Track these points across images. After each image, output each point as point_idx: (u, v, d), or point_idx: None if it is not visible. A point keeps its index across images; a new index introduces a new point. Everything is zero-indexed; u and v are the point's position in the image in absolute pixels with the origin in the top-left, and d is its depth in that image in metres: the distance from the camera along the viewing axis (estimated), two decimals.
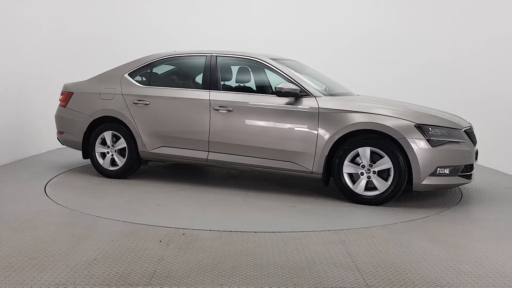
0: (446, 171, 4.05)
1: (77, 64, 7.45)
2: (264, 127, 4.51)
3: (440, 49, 7.32)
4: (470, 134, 4.33)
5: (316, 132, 4.29)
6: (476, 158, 4.39)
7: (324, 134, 4.26)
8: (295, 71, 4.85)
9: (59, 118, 5.50)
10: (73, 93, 5.38)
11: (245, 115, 4.58)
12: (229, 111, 4.61)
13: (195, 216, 3.82)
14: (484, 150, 6.24)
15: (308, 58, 5.95)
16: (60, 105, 5.49)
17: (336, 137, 4.20)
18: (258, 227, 3.51)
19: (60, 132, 5.49)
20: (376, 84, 7.38)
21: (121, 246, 3.07)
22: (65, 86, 5.54)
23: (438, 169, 4.01)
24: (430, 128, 4.05)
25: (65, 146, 6.97)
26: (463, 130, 4.21)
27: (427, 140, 3.99)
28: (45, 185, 4.75)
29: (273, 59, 4.80)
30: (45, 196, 4.36)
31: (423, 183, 4.00)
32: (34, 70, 6.66)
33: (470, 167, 4.22)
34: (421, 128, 4.03)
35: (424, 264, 2.85)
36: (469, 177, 4.22)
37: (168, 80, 5.26)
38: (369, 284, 2.56)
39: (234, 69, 4.97)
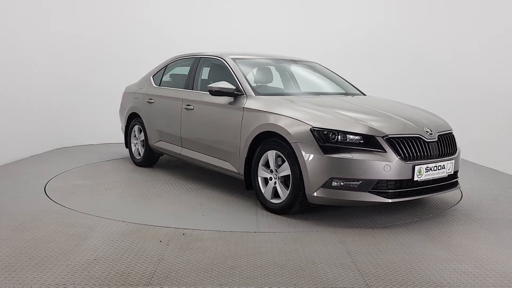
0: (347, 184, 3.42)
1: (78, 65, 7.47)
2: (211, 125, 4.54)
3: (441, 48, 7.32)
4: (411, 143, 3.54)
5: (239, 133, 4.12)
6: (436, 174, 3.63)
7: (245, 135, 4.05)
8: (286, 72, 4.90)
9: (119, 114, 6.38)
10: (125, 93, 6.22)
11: (200, 113, 4.71)
12: (191, 109, 4.80)
13: (108, 209, 3.97)
14: (484, 150, 6.25)
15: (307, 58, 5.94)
16: (120, 103, 6.32)
17: (251, 139, 3.97)
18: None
19: (122, 126, 6.36)
20: (375, 84, 7.39)
21: (121, 246, 3.07)
22: (125, 88, 6.33)
23: (333, 180, 3.43)
24: (330, 133, 3.47)
25: (65, 146, 7.05)
26: (384, 138, 3.45)
27: (321, 146, 3.44)
28: (45, 185, 4.75)
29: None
30: (45, 196, 4.36)
31: (315, 194, 3.49)
32: (34, 70, 6.67)
33: (396, 184, 3.45)
34: (317, 133, 3.50)
35: (424, 264, 2.85)
36: (392, 196, 3.45)
37: (170, 81, 5.58)
38: (369, 284, 2.56)
39: (211, 69, 5.08)
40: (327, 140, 3.46)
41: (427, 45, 7.52)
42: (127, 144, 6.10)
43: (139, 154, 5.85)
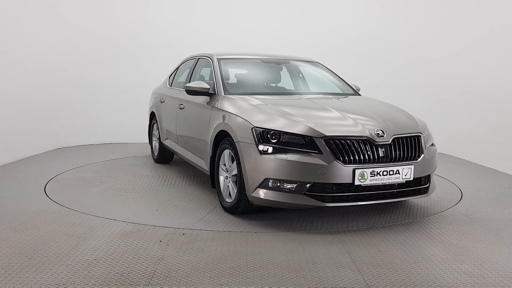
0: (282, 185, 3.32)
1: (79, 66, 7.47)
2: (192, 124, 4.65)
3: (440, 48, 7.32)
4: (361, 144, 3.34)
5: (207, 132, 4.16)
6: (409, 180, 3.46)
7: (210, 133, 4.09)
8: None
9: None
10: (152, 93, 6.42)
11: (187, 112, 4.83)
12: (182, 108, 4.95)
13: (79, 200, 4.19)
14: (484, 150, 6.24)
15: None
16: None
17: (213, 138, 3.99)
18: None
19: None
20: (371, 82, 7.38)
21: (121, 246, 3.07)
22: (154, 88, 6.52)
23: (269, 181, 3.34)
24: (270, 133, 3.38)
25: (65, 146, 7.05)
26: (322, 138, 3.29)
27: (259, 146, 3.36)
28: (45, 185, 4.75)
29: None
30: (45, 196, 4.36)
31: (253, 195, 3.43)
32: (34, 70, 6.67)
33: (335, 188, 3.29)
34: (257, 132, 3.41)
35: (424, 264, 2.85)
36: (329, 200, 3.30)
37: (178, 81, 5.71)
38: (369, 284, 2.56)
39: (204, 69, 5.14)
40: (266, 140, 3.38)
41: (424, 43, 7.52)
42: (150, 141, 6.38)
43: (157, 151, 6.06)
